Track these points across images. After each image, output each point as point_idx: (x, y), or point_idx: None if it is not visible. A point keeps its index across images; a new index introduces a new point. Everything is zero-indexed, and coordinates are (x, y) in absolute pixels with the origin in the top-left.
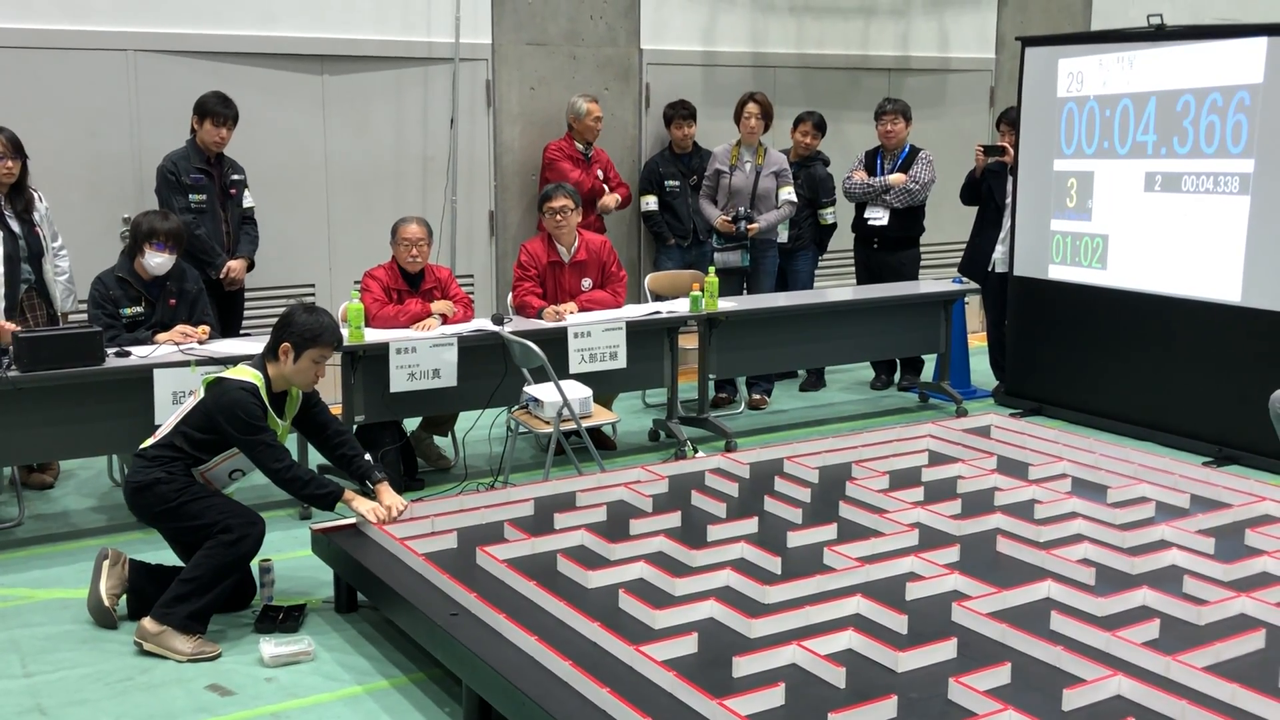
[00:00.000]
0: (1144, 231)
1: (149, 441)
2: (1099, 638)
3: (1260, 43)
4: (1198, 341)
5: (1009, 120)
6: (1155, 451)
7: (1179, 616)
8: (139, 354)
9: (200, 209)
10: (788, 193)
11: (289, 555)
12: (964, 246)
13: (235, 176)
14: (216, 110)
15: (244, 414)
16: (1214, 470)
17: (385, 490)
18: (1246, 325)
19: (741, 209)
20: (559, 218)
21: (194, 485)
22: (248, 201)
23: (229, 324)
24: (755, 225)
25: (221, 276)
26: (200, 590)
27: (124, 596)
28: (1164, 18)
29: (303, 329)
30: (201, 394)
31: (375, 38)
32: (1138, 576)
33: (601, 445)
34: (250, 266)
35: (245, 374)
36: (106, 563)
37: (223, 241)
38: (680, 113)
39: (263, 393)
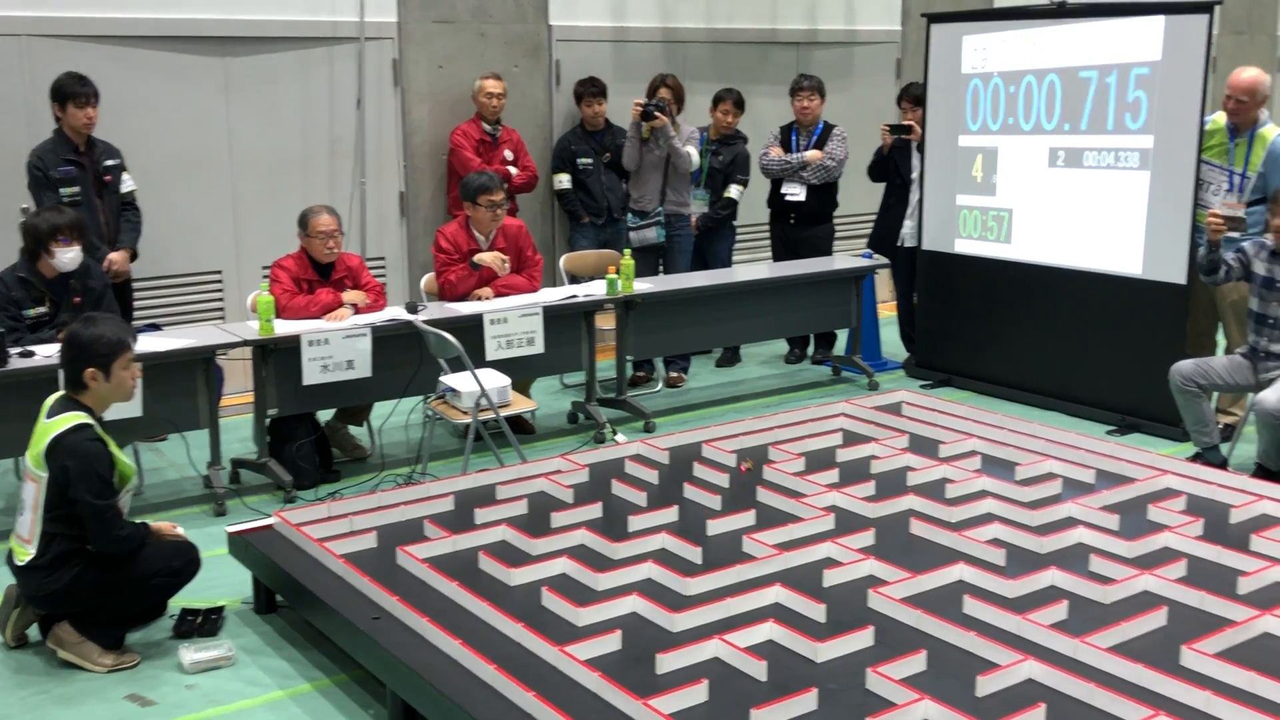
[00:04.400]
0: (1048, 206)
1: (26, 551)
2: (1010, 621)
3: (1158, 21)
4: (1101, 313)
5: (911, 97)
6: (1061, 424)
7: (1086, 596)
8: (44, 354)
9: (75, 201)
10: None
11: (205, 555)
12: (873, 221)
13: (109, 162)
14: (75, 90)
15: (99, 475)
16: (1118, 443)
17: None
18: (1147, 297)
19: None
20: (499, 211)
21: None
22: (126, 186)
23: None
24: (660, 120)
25: (104, 270)
26: (141, 619)
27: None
28: None
29: (99, 346)
30: (42, 473)
31: (278, 18)
32: (1046, 556)
33: (520, 430)
34: (134, 256)
35: (73, 419)
36: (15, 612)
37: (101, 233)
38: (590, 90)
39: (99, 429)
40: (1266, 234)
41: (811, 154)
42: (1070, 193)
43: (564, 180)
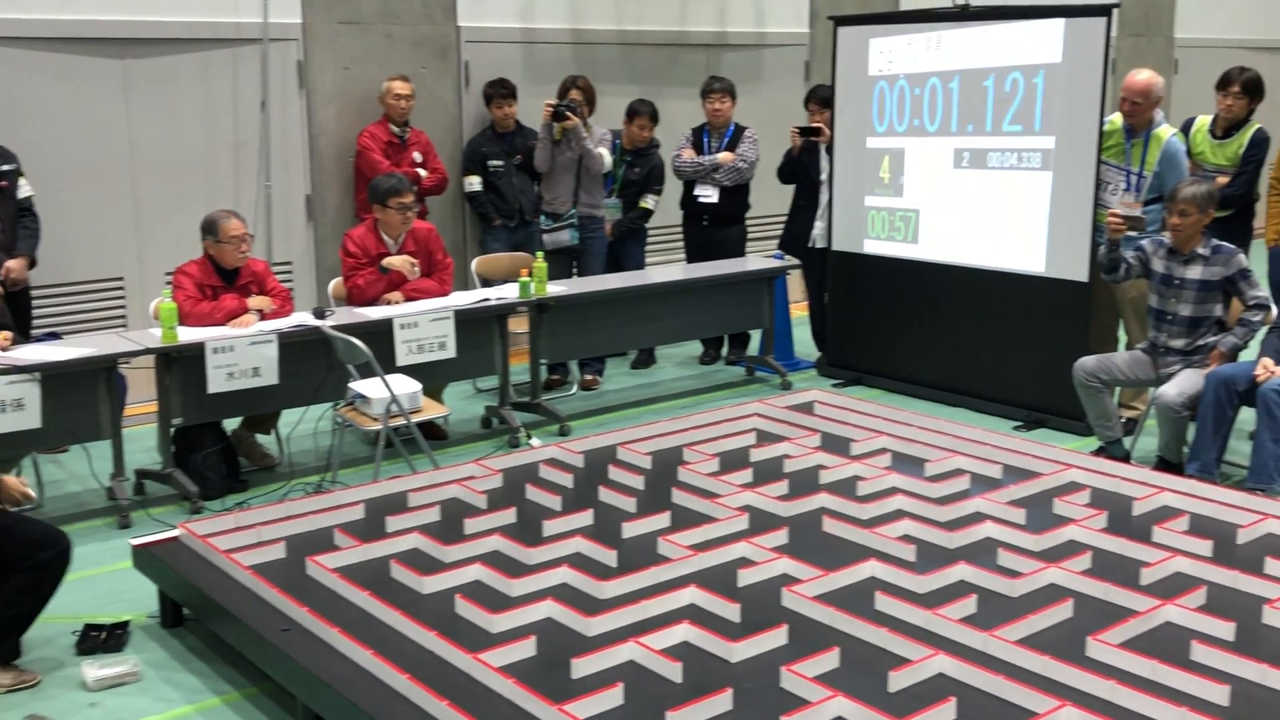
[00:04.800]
0: (954, 206)
1: None
2: (921, 616)
3: (1058, 24)
4: (1006, 311)
5: (818, 99)
6: (968, 420)
7: (994, 590)
8: None
9: None
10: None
11: (109, 568)
12: (784, 223)
13: (5, 167)
14: None
15: None
16: (1024, 438)
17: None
18: (1051, 295)
19: (565, 102)
20: (408, 213)
21: None
22: (23, 192)
23: (18, 327)
24: (572, 121)
25: (1, 279)
26: (19, 623)
27: None
28: None
29: None
30: None
31: (179, 19)
32: (955, 551)
33: (432, 436)
34: (32, 263)
35: None
36: None
37: None
38: (500, 92)
39: None
40: (1164, 232)
41: (723, 156)
42: (975, 193)
43: (475, 182)
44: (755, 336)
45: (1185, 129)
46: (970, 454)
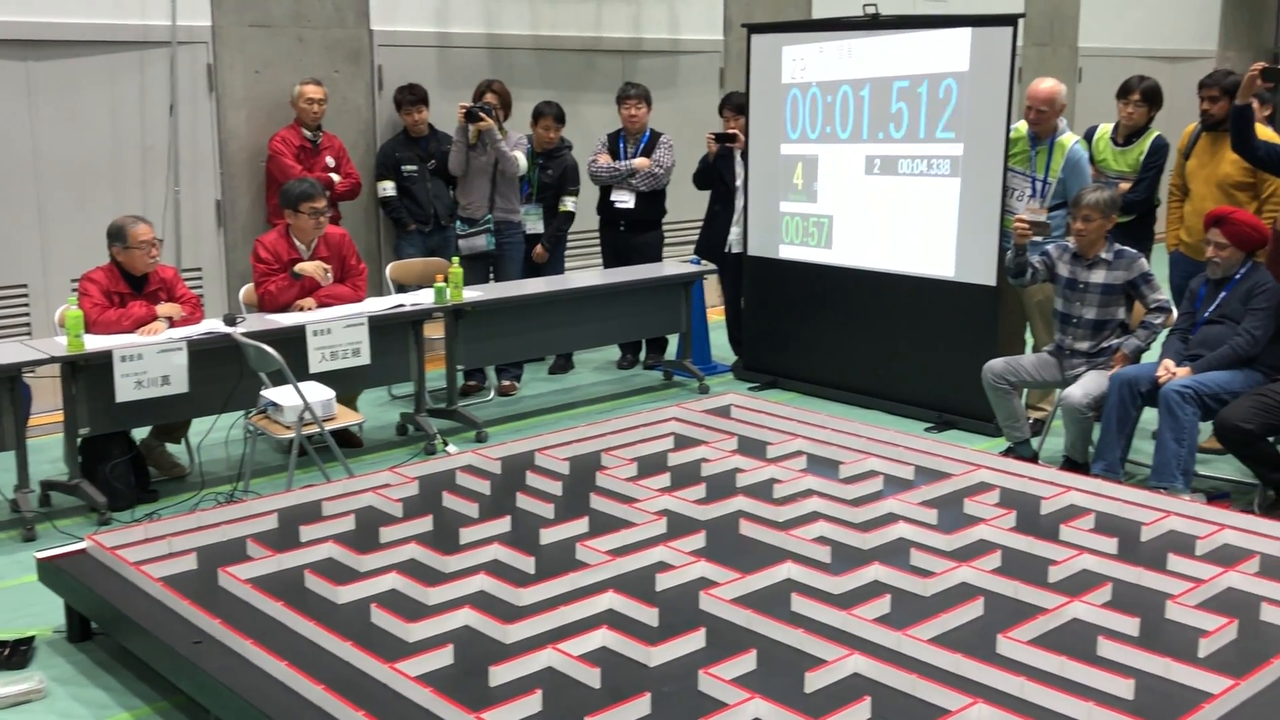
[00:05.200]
0: (866, 212)
1: None
2: (836, 616)
3: (965, 33)
4: (917, 315)
5: (733, 105)
6: (881, 422)
7: (907, 589)
8: None
9: None
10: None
11: (12, 583)
12: (700, 228)
13: None
14: None
15: None
16: (935, 439)
17: None
18: (960, 299)
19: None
20: (321, 219)
21: None
22: None
23: None
24: (486, 123)
25: None
26: None
27: None
28: (879, 8)
29: None
30: None
31: (84, 21)
32: (869, 552)
33: (347, 444)
34: None
35: None
36: None
37: None
38: (409, 98)
39: None
40: (1068, 237)
41: (639, 161)
42: (886, 199)
43: (388, 188)
44: (673, 341)
45: (1088, 136)
46: (883, 455)
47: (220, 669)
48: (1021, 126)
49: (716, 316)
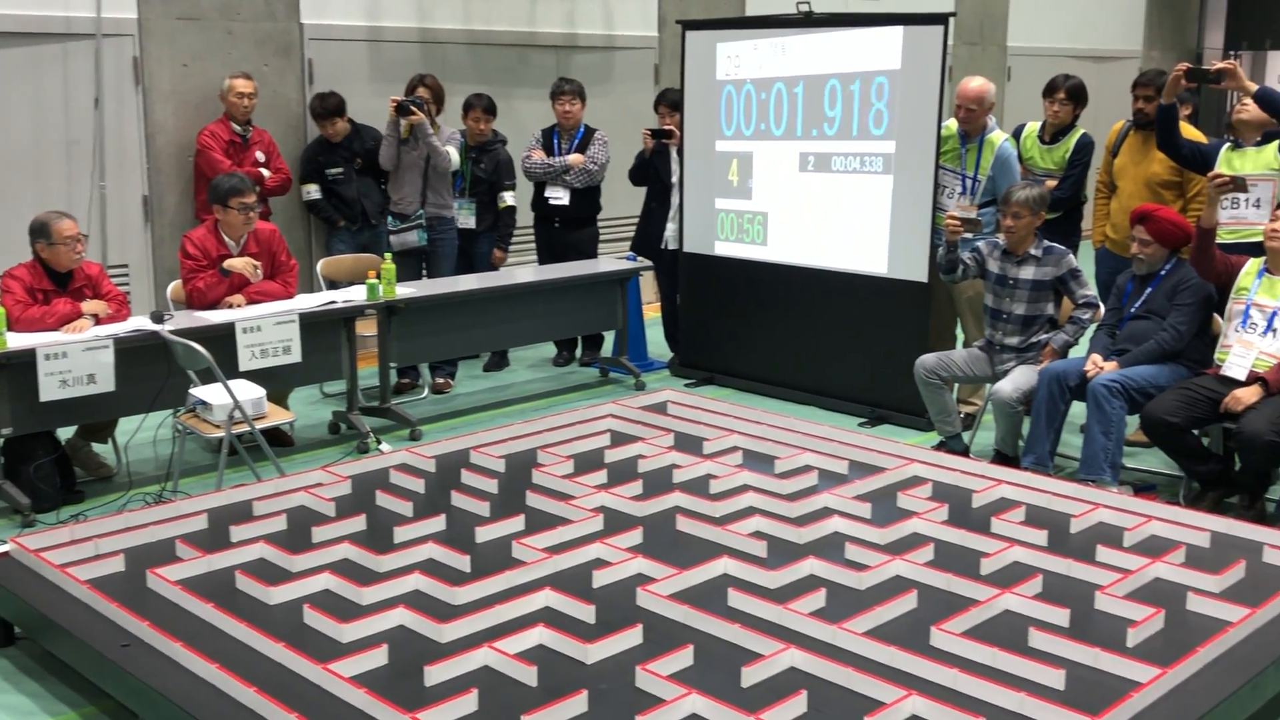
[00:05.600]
0: (800, 209)
1: None
2: (772, 611)
3: (897, 31)
4: (851, 311)
5: (668, 102)
6: (816, 418)
7: (842, 583)
8: None
9: None
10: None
11: None
12: (635, 224)
13: None
14: None
15: None
16: (868, 434)
17: None
18: (892, 295)
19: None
20: (250, 214)
21: None
22: None
23: None
24: (418, 117)
25: None
26: None
27: None
28: (811, 5)
29: None
30: None
31: (7, 12)
32: (805, 546)
33: (278, 442)
34: None
35: None
36: None
37: None
38: (321, 110)
39: None
40: (999, 234)
41: (574, 158)
42: (820, 196)
43: (313, 190)
44: (609, 338)
45: (1016, 135)
46: (818, 450)
47: (149, 672)
48: (951, 124)
49: (653, 313)
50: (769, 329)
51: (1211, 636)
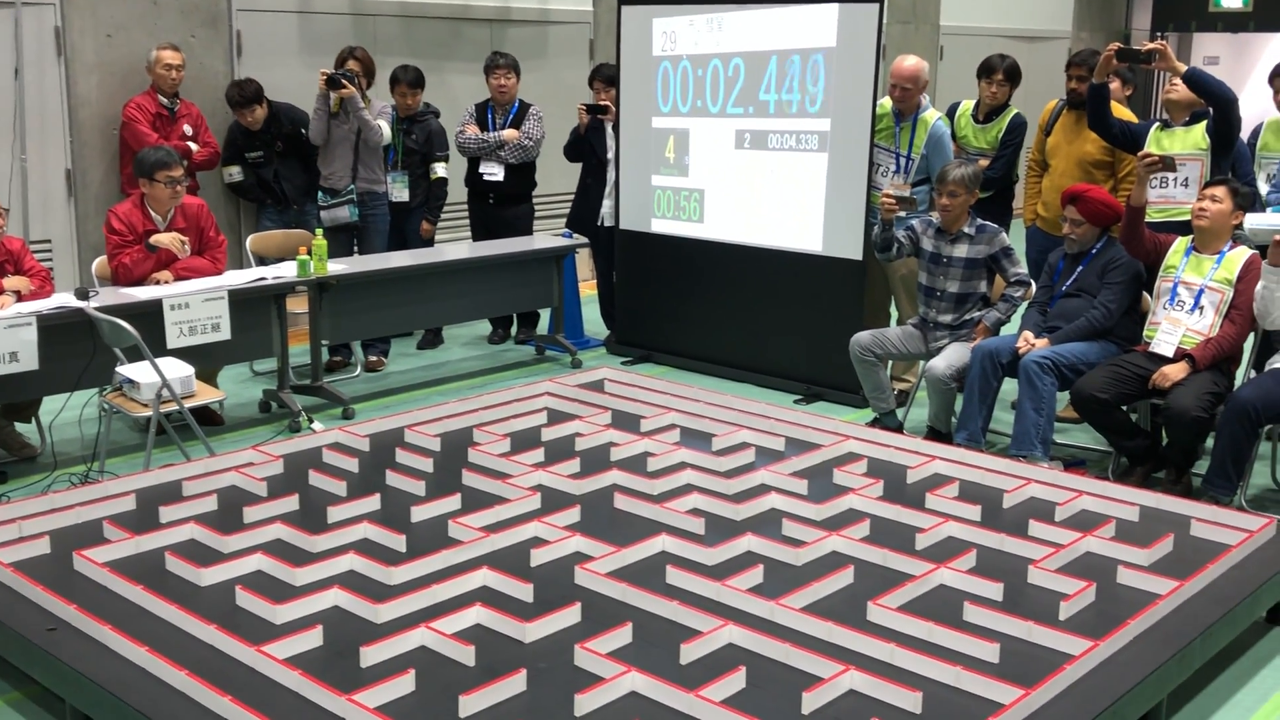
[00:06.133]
0: (736, 186)
1: None
2: (710, 588)
3: (833, 9)
4: (787, 289)
5: (603, 77)
6: (752, 395)
7: (780, 559)
8: None
9: None
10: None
11: None
12: (571, 200)
13: None
14: None
15: None
16: (804, 411)
17: None
18: (828, 273)
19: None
20: (178, 188)
21: None
22: None
23: None
24: (348, 90)
25: None
26: None
27: None
28: None
29: None
30: None
31: None
32: (742, 523)
33: (207, 421)
34: None
35: None
36: None
37: None
38: (238, 98)
39: None
40: (933, 212)
41: (508, 133)
42: (756, 174)
43: (234, 173)
44: (545, 315)
45: (951, 114)
46: (755, 428)
47: (76, 657)
48: (886, 103)
49: (589, 291)
50: (705, 306)
51: (1141, 609)
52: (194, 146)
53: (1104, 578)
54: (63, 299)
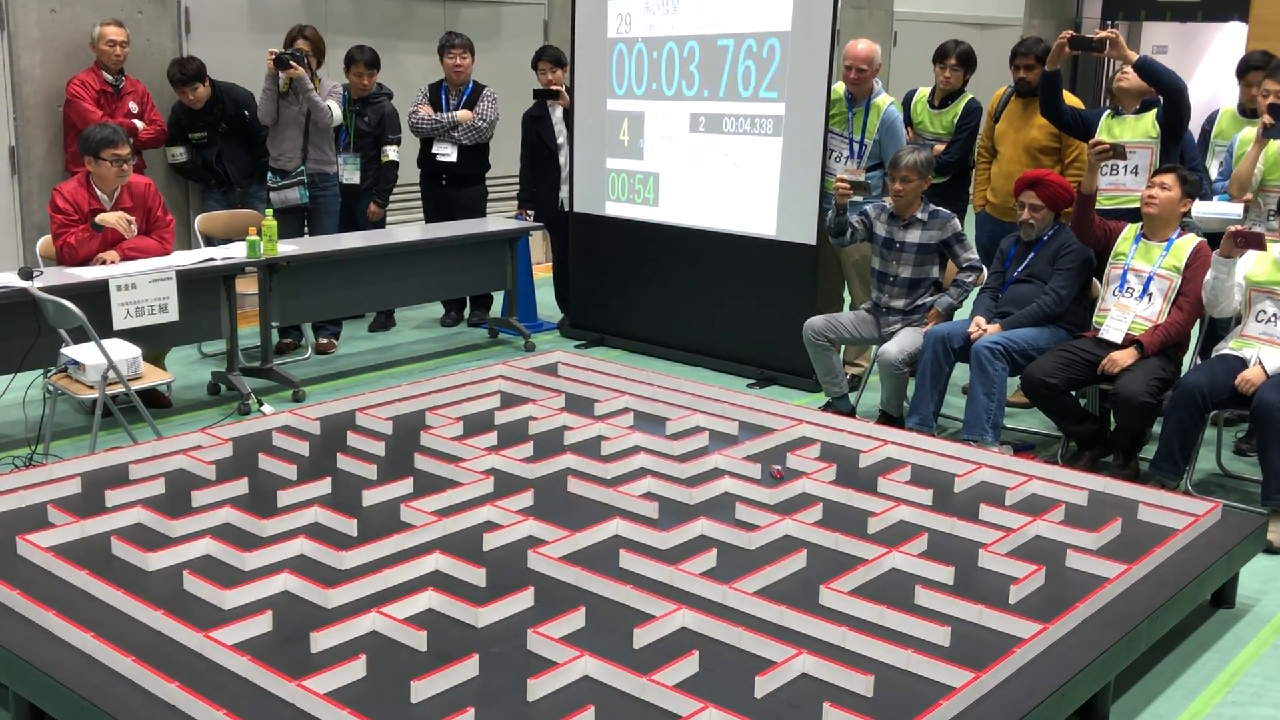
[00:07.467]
0: (691, 170)
1: None
2: (664, 572)
3: None
4: (740, 273)
5: (549, 58)
6: (706, 379)
7: (733, 543)
8: None
9: None
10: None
11: None
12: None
13: None
14: None
15: None
16: (758, 395)
17: None
18: (781, 257)
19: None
20: (124, 166)
21: None
22: None
23: None
24: (297, 70)
25: None
26: None
27: None
28: None
29: None
30: None
31: None
32: (696, 507)
33: (155, 404)
34: None
35: None
36: None
37: None
38: (179, 76)
39: None
40: (886, 197)
41: (462, 114)
42: (711, 157)
43: (178, 154)
44: (498, 298)
45: (907, 100)
46: (708, 411)
47: (20, 643)
48: (840, 88)
49: (543, 273)
50: (659, 290)
51: (1089, 593)
52: (140, 124)
53: (1053, 561)
54: (6, 279)
